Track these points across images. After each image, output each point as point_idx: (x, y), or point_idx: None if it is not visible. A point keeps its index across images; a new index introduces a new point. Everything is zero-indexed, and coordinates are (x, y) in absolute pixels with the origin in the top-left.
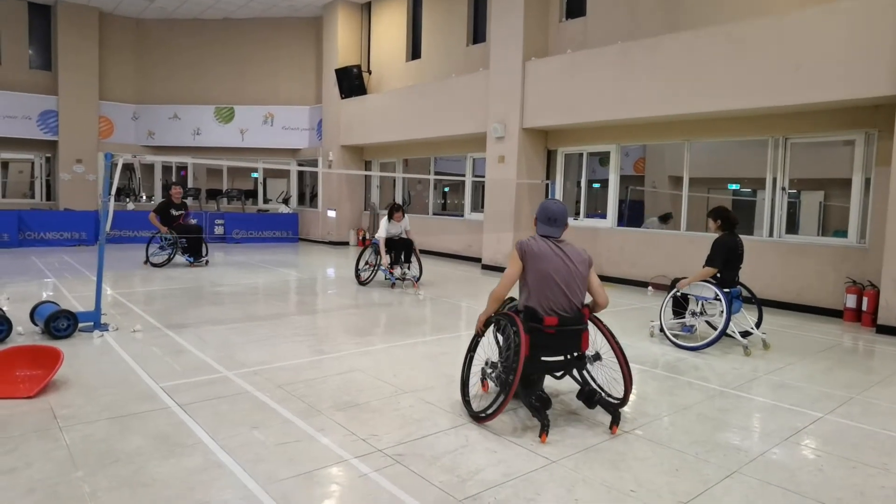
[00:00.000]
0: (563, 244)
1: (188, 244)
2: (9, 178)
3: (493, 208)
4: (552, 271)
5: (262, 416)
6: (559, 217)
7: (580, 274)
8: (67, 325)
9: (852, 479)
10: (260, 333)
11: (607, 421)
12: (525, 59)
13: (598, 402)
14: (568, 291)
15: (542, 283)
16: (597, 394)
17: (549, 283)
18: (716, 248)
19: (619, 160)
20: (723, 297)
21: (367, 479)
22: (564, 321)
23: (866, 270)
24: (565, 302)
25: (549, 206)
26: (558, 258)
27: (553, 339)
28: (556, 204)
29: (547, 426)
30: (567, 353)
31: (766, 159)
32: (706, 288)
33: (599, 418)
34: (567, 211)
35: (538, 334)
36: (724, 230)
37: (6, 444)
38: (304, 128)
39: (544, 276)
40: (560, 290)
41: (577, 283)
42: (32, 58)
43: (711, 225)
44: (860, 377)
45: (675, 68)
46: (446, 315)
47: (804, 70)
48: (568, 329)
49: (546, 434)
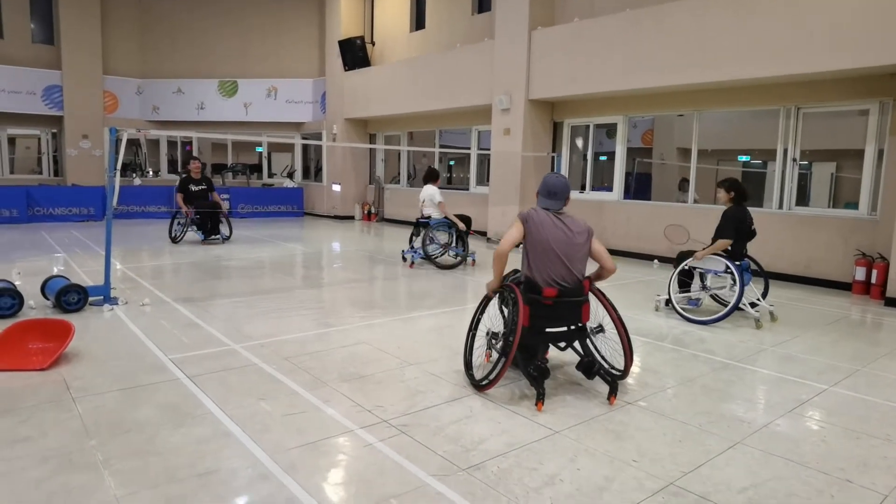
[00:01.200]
0: (563, 216)
1: (202, 220)
2: (16, 154)
3: (498, 181)
4: (552, 242)
5: (269, 388)
6: (559, 191)
7: (580, 244)
8: (78, 299)
9: (856, 451)
10: (266, 307)
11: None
12: (531, 28)
13: (596, 373)
14: (568, 262)
15: (542, 255)
16: (595, 364)
17: (549, 255)
18: (728, 219)
19: (626, 132)
20: (735, 270)
21: (373, 448)
22: (563, 292)
23: (876, 243)
24: (566, 273)
25: (550, 179)
26: (559, 230)
27: (552, 310)
28: (557, 178)
29: (542, 395)
30: (567, 324)
31: (778, 130)
32: (716, 261)
33: (601, 389)
34: (568, 185)
35: (537, 305)
36: (734, 202)
37: (21, 414)
38: (307, 101)
39: (544, 247)
40: (560, 261)
41: (578, 253)
42: (35, 32)
43: (723, 196)
44: (867, 349)
45: (684, 36)
46: (451, 288)
47: (818, 37)
48: (567, 300)
49: (542, 403)
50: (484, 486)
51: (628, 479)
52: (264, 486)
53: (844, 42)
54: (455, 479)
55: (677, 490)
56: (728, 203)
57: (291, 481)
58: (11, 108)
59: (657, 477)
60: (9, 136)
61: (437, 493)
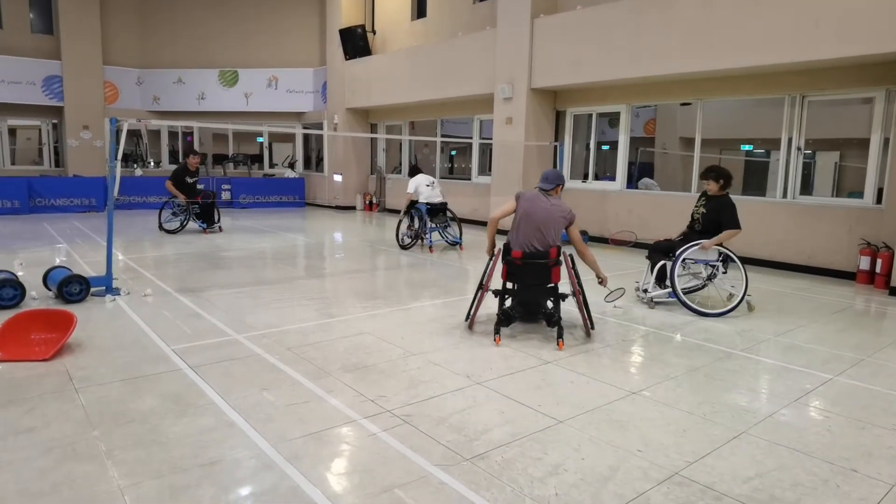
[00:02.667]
0: (551, 197)
1: (201, 210)
2: (17, 144)
3: (500, 171)
4: (533, 213)
5: (271, 378)
6: (550, 176)
7: (557, 218)
8: (80, 290)
9: (860, 440)
10: (269, 297)
11: (618, 382)
12: (533, 15)
13: (556, 324)
14: (543, 230)
15: (523, 224)
16: (554, 317)
17: (529, 224)
18: (733, 208)
19: (629, 121)
20: (735, 258)
21: (376, 438)
22: (529, 255)
23: (881, 232)
24: (539, 239)
25: (547, 171)
26: (542, 204)
27: (521, 270)
28: (553, 170)
29: (497, 332)
30: (535, 282)
31: (782, 118)
32: (712, 250)
33: (609, 379)
34: (561, 174)
35: (511, 265)
36: (724, 191)
37: (25, 404)
38: (308, 90)
39: (527, 218)
40: (537, 228)
41: (553, 226)
42: (34, 22)
43: (713, 186)
44: (871, 339)
45: (688, 24)
46: (453, 278)
47: (823, 25)
48: (533, 262)
49: (499, 337)
50: (488, 475)
51: (633, 469)
52: (267, 476)
53: (850, 29)
54: (459, 468)
55: (682, 480)
56: (719, 192)
57: (295, 471)
58: (11, 99)
59: (662, 466)
60: (9, 127)
61: (440, 483)
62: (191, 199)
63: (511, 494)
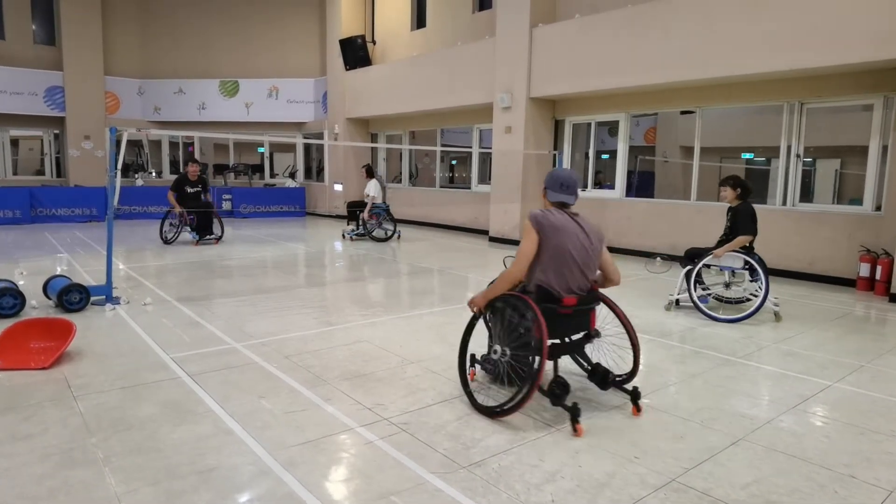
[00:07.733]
0: (578, 218)
1: (196, 221)
2: (19, 155)
3: (500, 180)
4: (571, 248)
5: (269, 386)
6: (571, 183)
7: (596, 251)
8: (80, 299)
9: (859, 446)
10: (268, 306)
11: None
12: (532, 25)
13: (612, 383)
14: (585, 269)
15: (559, 261)
16: (610, 374)
17: (567, 261)
18: (747, 215)
19: (628, 129)
20: (757, 266)
21: (373, 446)
22: (581, 300)
23: (881, 239)
24: (582, 280)
25: (559, 172)
26: (576, 235)
27: (570, 320)
28: (566, 170)
29: (578, 413)
30: (580, 332)
31: (782, 126)
32: (734, 257)
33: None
34: (577, 177)
35: (553, 316)
36: (741, 199)
37: (23, 411)
38: (309, 100)
39: (562, 252)
40: (578, 267)
41: (593, 260)
42: (36, 33)
43: (729, 193)
44: (871, 345)
45: (687, 32)
46: (453, 287)
47: (822, 32)
48: (582, 308)
49: (579, 424)
50: (484, 482)
51: (630, 476)
52: (264, 483)
53: (849, 36)
54: (456, 476)
55: (679, 486)
56: (735, 200)
57: (292, 478)
58: (14, 110)
59: (659, 473)
60: (11, 138)
61: (437, 490)
62: (192, 208)
63: (507, 501)
